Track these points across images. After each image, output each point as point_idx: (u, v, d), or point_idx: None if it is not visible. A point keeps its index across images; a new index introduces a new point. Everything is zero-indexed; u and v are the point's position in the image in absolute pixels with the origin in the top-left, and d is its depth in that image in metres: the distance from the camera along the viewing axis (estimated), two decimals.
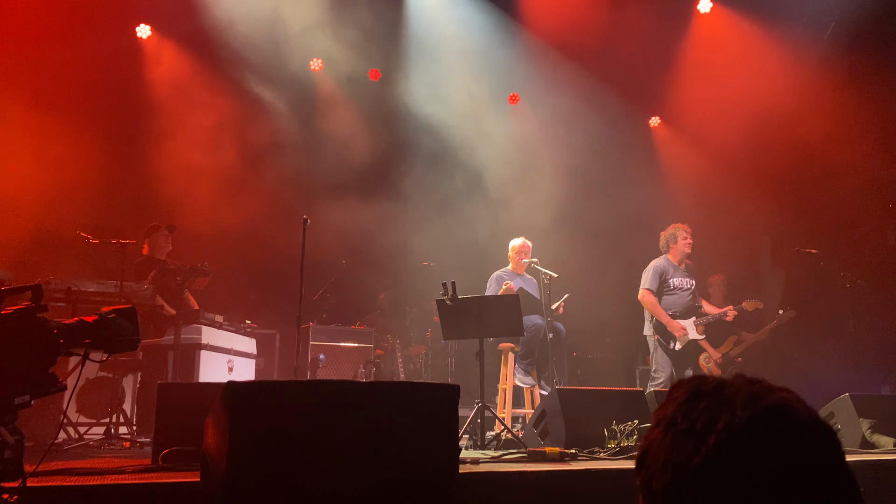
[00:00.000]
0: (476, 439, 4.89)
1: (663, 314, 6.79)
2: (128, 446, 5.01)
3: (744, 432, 0.80)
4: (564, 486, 3.27)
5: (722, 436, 0.80)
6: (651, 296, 6.84)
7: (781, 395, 0.83)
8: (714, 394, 0.84)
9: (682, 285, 6.93)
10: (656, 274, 6.90)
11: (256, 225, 8.04)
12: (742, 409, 0.81)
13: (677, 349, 6.78)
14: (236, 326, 6.55)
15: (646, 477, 0.86)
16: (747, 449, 0.79)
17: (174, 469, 3.13)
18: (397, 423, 2.47)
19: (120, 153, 8.25)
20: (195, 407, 3.09)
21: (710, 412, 0.82)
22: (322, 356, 7.91)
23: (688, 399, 0.86)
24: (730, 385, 0.85)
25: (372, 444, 2.39)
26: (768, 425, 0.80)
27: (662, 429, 0.86)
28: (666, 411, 0.87)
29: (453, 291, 5.07)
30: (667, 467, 0.83)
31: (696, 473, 0.80)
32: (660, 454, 0.84)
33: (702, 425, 0.82)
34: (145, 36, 8.77)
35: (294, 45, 8.62)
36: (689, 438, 0.82)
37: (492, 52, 9.31)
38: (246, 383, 2.63)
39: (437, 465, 2.50)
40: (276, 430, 2.30)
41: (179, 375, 5.55)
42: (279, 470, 2.25)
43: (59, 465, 3.19)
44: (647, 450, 0.88)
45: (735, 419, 0.80)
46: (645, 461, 0.87)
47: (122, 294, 5.45)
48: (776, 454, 0.78)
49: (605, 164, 9.17)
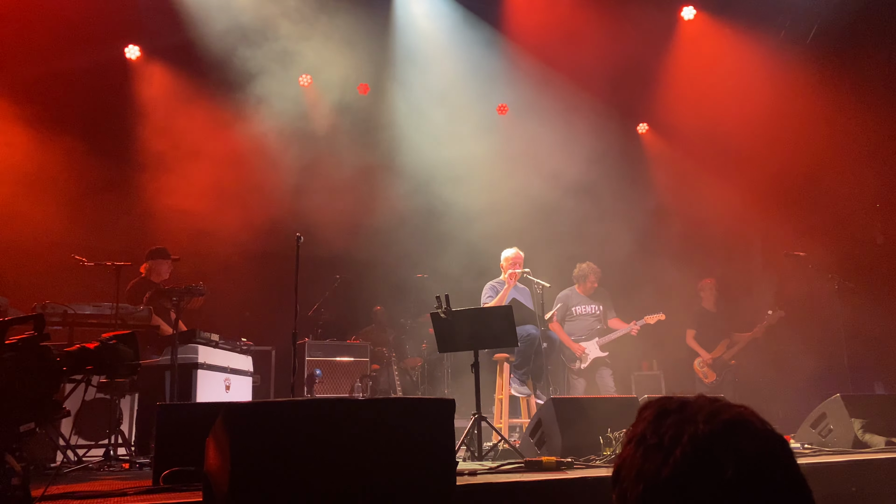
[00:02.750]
0: (473, 450, 4.93)
1: (566, 338, 7.58)
2: (127, 468, 5.01)
3: (706, 443, 0.88)
4: (561, 495, 3.32)
5: (687, 448, 0.88)
6: (556, 325, 7.57)
7: (738, 411, 0.92)
8: (679, 411, 0.93)
9: (586, 311, 7.74)
10: (559, 305, 7.74)
11: (250, 242, 8.08)
12: (704, 423, 0.90)
13: (583, 367, 7.54)
14: (232, 344, 6.57)
15: (620, 491, 0.94)
16: (710, 459, 0.87)
17: (176, 489, 3.16)
18: (394, 439, 2.51)
19: (112, 173, 8.28)
20: (195, 427, 3.11)
21: (675, 427, 0.91)
22: (318, 371, 7.94)
23: (655, 418, 0.94)
24: (692, 403, 0.94)
25: (370, 460, 2.44)
26: (727, 437, 0.89)
27: (633, 445, 0.94)
28: (636, 429, 0.96)
29: (447, 304, 5.12)
30: (639, 479, 0.91)
31: (666, 483, 0.88)
32: (632, 468, 0.93)
33: (669, 439, 0.90)
34: (134, 57, 8.83)
35: (283, 63, 8.68)
36: (658, 452, 0.91)
37: (480, 64, 9.39)
38: (245, 404, 2.67)
39: (434, 479, 2.54)
40: (276, 450, 2.34)
41: (177, 395, 5.57)
42: (280, 489, 2.30)
43: (61, 489, 3.21)
44: (620, 466, 0.96)
45: (698, 432, 0.89)
46: (619, 476, 0.96)
47: (118, 316, 5.48)
48: (736, 462, 0.86)
49: (594, 172, 9.24)
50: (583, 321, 7.71)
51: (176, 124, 8.41)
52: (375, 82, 9.56)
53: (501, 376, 6.41)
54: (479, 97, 9.60)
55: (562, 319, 7.73)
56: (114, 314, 5.46)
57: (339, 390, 7.99)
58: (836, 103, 8.34)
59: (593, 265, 7.79)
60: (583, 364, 7.53)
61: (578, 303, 7.76)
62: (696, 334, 8.27)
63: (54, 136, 7.86)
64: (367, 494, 2.40)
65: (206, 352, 6.04)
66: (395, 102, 9.36)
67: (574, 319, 7.75)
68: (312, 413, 2.50)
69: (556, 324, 7.59)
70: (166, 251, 6.69)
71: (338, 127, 9.39)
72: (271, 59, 8.61)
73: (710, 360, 8.05)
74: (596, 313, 7.72)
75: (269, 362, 8.21)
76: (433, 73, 9.36)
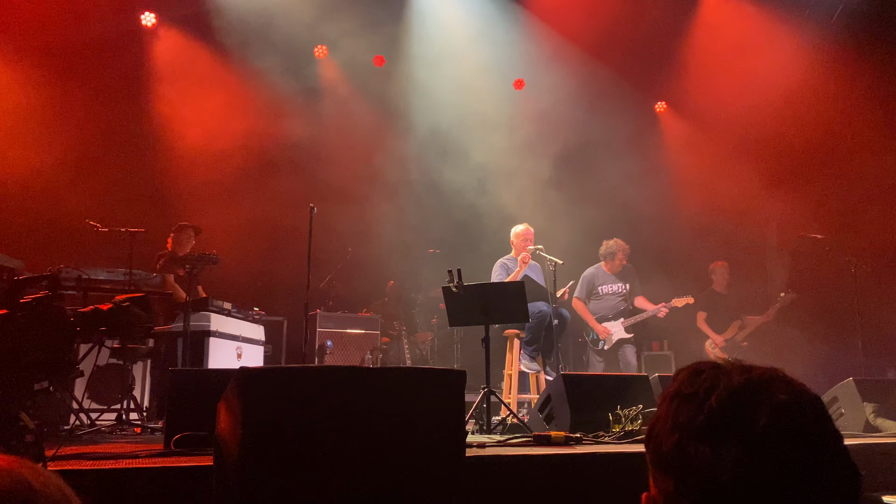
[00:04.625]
0: (482, 424, 4.95)
1: (590, 318, 7.47)
2: (139, 432, 5.07)
3: (741, 391, 0.90)
4: (569, 470, 3.32)
5: (722, 394, 0.90)
6: (579, 303, 7.54)
7: (773, 368, 0.95)
8: (712, 369, 0.95)
9: (612, 291, 7.56)
10: (584, 283, 7.61)
11: (264, 213, 8.08)
12: (738, 375, 0.92)
13: (606, 349, 7.39)
14: (244, 314, 6.61)
15: (655, 445, 0.95)
16: (744, 405, 0.89)
17: (187, 453, 3.19)
18: (406, 408, 2.51)
19: (127, 141, 8.30)
20: (206, 393, 3.13)
21: (710, 380, 0.93)
22: (329, 343, 7.98)
23: (690, 376, 0.96)
24: (725, 364, 0.96)
25: (381, 428, 2.44)
26: (762, 386, 0.90)
27: (668, 401, 0.96)
28: (671, 388, 0.97)
29: (459, 279, 5.11)
30: (674, 430, 0.92)
31: (700, 430, 0.89)
32: (667, 420, 0.94)
33: (704, 391, 0.92)
34: (150, 24, 8.78)
35: (299, 32, 8.62)
36: (692, 402, 0.92)
37: (497, 37, 9.28)
38: (258, 369, 2.68)
39: (444, 448, 2.55)
40: (288, 416, 2.35)
41: (189, 362, 5.61)
42: (290, 455, 2.30)
43: (74, 450, 3.25)
44: (654, 423, 0.97)
45: (733, 382, 0.91)
46: (653, 432, 0.97)
47: (131, 282, 5.51)
48: (770, 410, 0.88)
49: (610, 150, 9.16)
50: (609, 301, 7.53)
51: (190, 92, 8.39)
52: (391, 55, 9.48)
53: (511, 352, 6.41)
54: (496, 71, 9.50)
55: (587, 298, 7.58)
56: (127, 280, 5.50)
57: (349, 362, 8.03)
58: (858, 86, 8.20)
59: (621, 242, 7.57)
60: (606, 345, 7.38)
61: (605, 282, 7.57)
62: (706, 316, 8.19)
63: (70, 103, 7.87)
64: (378, 461, 2.41)
65: (218, 320, 6.07)
66: (411, 75, 9.28)
67: (600, 299, 7.56)
68: (326, 380, 2.51)
69: (580, 302, 7.49)
70: (188, 224, 6.78)
71: (353, 99, 9.33)
72: (287, 28, 8.55)
73: (721, 342, 7.98)
74: (622, 292, 7.54)
75: (281, 332, 8.26)
76: (449, 46, 9.26)
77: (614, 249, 7.53)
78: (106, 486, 2.52)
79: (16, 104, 7.65)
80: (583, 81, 9.11)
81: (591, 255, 7.85)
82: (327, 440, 2.36)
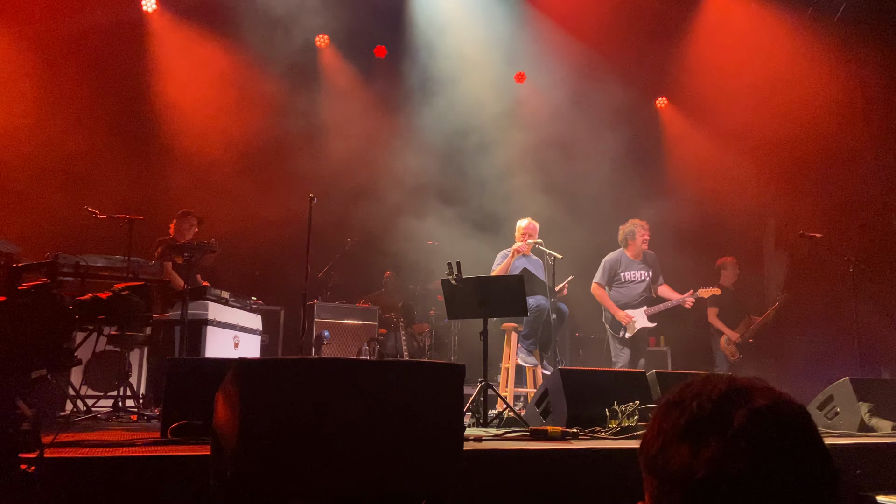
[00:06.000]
0: (479, 417, 4.95)
1: (611, 305, 7.14)
2: (135, 419, 5.06)
3: (724, 396, 0.93)
4: (566, 465, 3.32)
5: (703, 399, 0.94)
6: (600, 289, 7.23)
7: (758, 378, 0.98)
8: (702, 380, 0.99)
9: (635, 277, 7.23)
10: (606, 268, 7.28)
11: (263, 202, 8.06)
12: (722, 384, 0.96)
13: (627, 337, 7.08)
14: (242, 303, 6.59)
15: (644, 451, 0.99)
16: (722, 408, 0.92)
17: (183, 442, 3.19)
18: (404, 400, 2.51)
19: (125, 127, 8.26)
20: (203, 382, 3.12)
21: (696, 388, 0.97)
22: (326, 333, 7.97)
23: (680, 388, 1.00)
24: (714, 376, 0.99)
25: (379, 420, 2.44)
26: (742, 393, 0.93)
27: (657, 411, 1.00)
28: (661, 400, 1.01)
29: (458, 271, 5.10)
30: (659, 434, 0.96)
31: (682, 430, 0.93)
32: (654, 427, 0.98)
33: (689, 397, 0.96)
34: (151, 9, 8.73)
35: (300, 21, 8.59)
36: (677, 407, 0.96)
37: (498, 30, 9.25)
38: (256, 361, 2.67)
39: (443, 441, 2.55)
40: (286, 407, 2.35)
41: (186, 350, 5.60)
42: (288, 447, 2.30)
43: (70, 437, 3.24)
44: (645, 433, 1.01)
45: (716, 389, 0.95)
46: (643, 441, 1.00)
47: (129, 269, 5.49)
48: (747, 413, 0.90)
49: (611, 145, 9.14)
50: (631, 288, 7.20)
51: (189, 80, 8.35)
52: (392, 45, 9.44)
53: (509, 345, 6.42)
54: (498, 64, 9.47)
55: (608, 285, 7.24)
56: (126, 267, 5.48)
57: (346, 352, 8.02)
58: (860, 84, 8.18)
59: (637, 220, 7.26)
60: (628, 333, 7.05)
61: (627, 268, 7.23)
62: (718, 312, 8.09)
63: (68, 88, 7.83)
64: (376, 454, 2.40)
65: (216, 308, 6.07)
66: (412, 66, 9.25)
67: (622, 286, 7.22)
68: (324, 372, 2.50)
69: (601, 288, 7.20)
70: (191, 212, 6.74)
71: (353, 89, 9.30)
72: (288, 17, 8.51)
73: (737, 338, 7.81)
74: (645, 279, 7.22)
75: (278, 322, 8.25)
76: (451, 39, 9.23)
77: (632, 228, 7.23)
78: (102, 475, 2.52)
79: (16, 91, 7.60)
80: (583, 76, 9.08)
81: (591, 253, 7.82)
82: (325, 433, 2.36)
